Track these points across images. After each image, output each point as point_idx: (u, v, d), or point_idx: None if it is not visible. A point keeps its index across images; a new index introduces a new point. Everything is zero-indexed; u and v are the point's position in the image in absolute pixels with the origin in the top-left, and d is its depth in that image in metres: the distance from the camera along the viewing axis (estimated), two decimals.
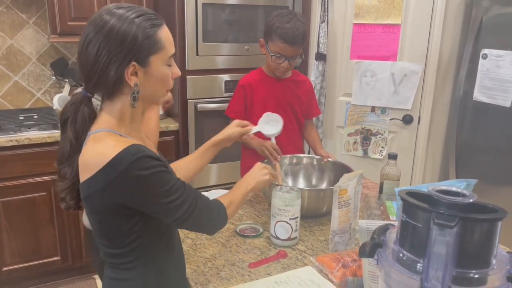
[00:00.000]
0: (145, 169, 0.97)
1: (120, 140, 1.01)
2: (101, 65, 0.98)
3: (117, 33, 0.97)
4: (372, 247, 0.79)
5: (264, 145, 1.83)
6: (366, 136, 2.92)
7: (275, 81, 2.05)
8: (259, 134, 2.01)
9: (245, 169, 2.19)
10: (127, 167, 0.95)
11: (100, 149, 0.98)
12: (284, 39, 1.87)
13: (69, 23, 2.58)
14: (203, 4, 2.60)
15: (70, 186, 1.08)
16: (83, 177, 1.01)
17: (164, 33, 1.04)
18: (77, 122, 1.05)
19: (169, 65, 1.07)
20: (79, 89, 1.10)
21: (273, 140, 1.80)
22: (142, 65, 1.01)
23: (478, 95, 2.50)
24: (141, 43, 0.98)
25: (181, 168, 1.40)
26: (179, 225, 1.09)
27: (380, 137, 2.89)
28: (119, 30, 0.97)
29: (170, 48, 1.05)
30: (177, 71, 1.11)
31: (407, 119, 2.80)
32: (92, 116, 1.07)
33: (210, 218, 1.14)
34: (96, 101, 1.09)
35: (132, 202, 1.01)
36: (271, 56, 1.93)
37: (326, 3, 2.80)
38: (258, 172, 1.38)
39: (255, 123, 2.04)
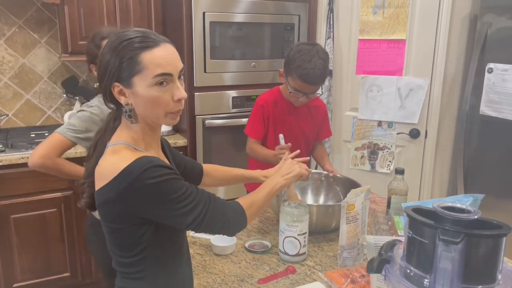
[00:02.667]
0: (155, 178, 1.00)
1: (135, 153, 1.05)
2: (101, 84, 1.09)
3: (105, 55, 1.06)
4: (379, 263, 0.80)
5: (275, 152, 1.85)
6: (373, 151, 2.93)
7: (291, 106, 2.05)
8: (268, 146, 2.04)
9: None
10: (137, 176, 0.99)
11: (114, 160, 1.04)
12: (304, 79, 1.86)
13: (80, 42, 2.64)
14: (211, 23, 2.65)
15: (89, 182, 1.14)
16: (98, 185, 1.05)
17: (149, 55, 1.03)
18: (106, 133, 1.15)
19: (161, 85, 1.04)
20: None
21: (282, 142, 1.83)
22: (126, 86, 1.06)
23: (485, 109, 2.51)
24: (118, 65, 1.04)
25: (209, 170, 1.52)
26: (195, 229, 1.10)
27: (387, 151, 2.90)
28: (107, 53, 1.06)
29: (155, 69, 1.03)
30: (179, 93, 1.07)
31: (414, 133, 2.81)
32: (115, 130, 1.14)
33: (227, 220, 1.15)
34: None
35: (144, 212, 1.04)
36: (290, 92, 1.93)
37: (331, 19, 2.85)
38: (289, 168, 1.39)
39: (266, 143, 2.06)
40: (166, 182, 1.02)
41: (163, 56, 1.05)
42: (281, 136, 1.86)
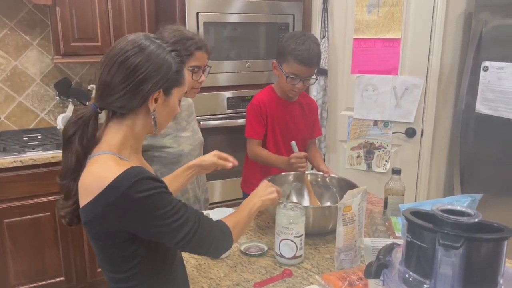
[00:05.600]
0: (145, 191, 0.96)
1: (120, 163, 1.01)
2: (134, 82, 1.01)
3: (157, 58, 1.03)
4: (377, 268, 0.78)
5: (290, 161, 1.83)
6: (369, 150, 2.92)
7: (285, 103, 2.06)
8: (273, 151, 2.03)
9: (246, 184, 2.20)
10: (126, 189, 0.94)
11: (99, 173, 0.98)
12: (300, 60, 1.88)
13: (72, 44, 2.61)
14: (205, 23, 2.63)
15: (72, 204, 1.07)
16: (83, 201, 1.00)
17: (185, 70, 1.13)
18: (85, 137, 1.06)
19: (179, 101, 1.13)
20: (82, 106, 1.13)
21: (296, 150, 1.82)
22: (166, 94, 1.06)
23: (481, 107, 2.50)
24: (172, 73, 1.05)
25: None
26: (182, 247, 1.07)
27: (383, 150, 2.88)
28: (159, 56, 1.03)
29: (186, 85, 1.13)
30: (179, 109, 1.16)
31: (410, 132, 2.80)
32: (95, 133, 1.08)
33: (214, 240, 1.11)
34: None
35: (133, 227, 1.00)
36: (286, 77, 1.93)
37: (326, 19, 2.83)
38: (265, 191, 1.35)
39: (265, 144, 2.05)
40: (155, 196, 0.98)
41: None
42: (293, 143, 1.85)
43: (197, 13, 2.60)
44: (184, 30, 1.69)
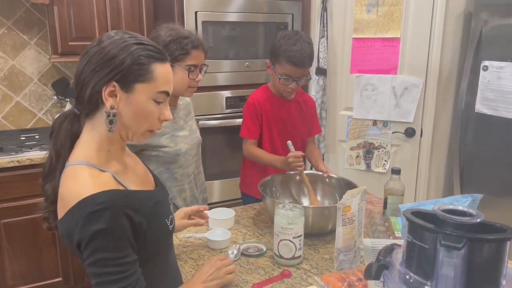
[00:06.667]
0: (101, 223, 0.91)
1: (95, 176, 0.97)
2: (84, 78, 0.99)
3: (108, 52, 0.98)
4: (377, 269, 0.77)
5: (288, 160, 1.81)
6: (369, 150, 2.91)
7: (282, 101, 2.05)
8: (269, 150, 2.01)
9: (244, 184, 2.19)
10: (85, 216, 0.91)
11: (74, 186, 0.95)
12: (292, 61, 1.87)
13: (70, 43, 2.59)
14: (203, 22, 2.62)
15: (50, 205, 1.05)
16: (59, 213, 0.98)
17: (161, 68, 1.02)
18: (58, 139, 1.04)
19: (157, 102, 1.03)
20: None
21: (292, 149, 1.80)
22: (124, 89, 0.99)
23: (480, 107, 2.49)
24: (128, 66, 0.97)
25: None
26: None
27: (382, 150, 2.87)
28: (111, 50, 0.98)
29: (163, 84, 1.02)
30: (168, 115, 1.05)
31: (410, 132, 2.79)
32: (74, 136, 1.04)
33: None
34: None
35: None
36: (279, 78, 1.92)
37: (325, 18, 2.82)
38: (214, 273, 1.19)
39: (261, 144, 2.03)
40: (108, 233, 0.92)
41: (169, 74, 1.05)
42: (289, 143, 1.83)
43: (196, 12, 2.59)
44: (181, 29, 1.68)
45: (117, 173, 1.04)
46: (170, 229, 1.15)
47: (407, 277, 0.73)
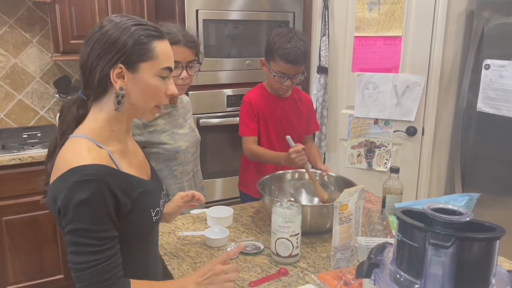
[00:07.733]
0: (85, 194, 0.93)
1: (91, 149, 1.00)
2: (91, 64, 1.02)
3: (110, 36, 1.01)
4: (368, 267, 0.77)
5: (291, 156, 1.78)
6: (370, 149, 2.90)
7: (277, 99, 2.05)
8: (269, 147, 2.01)
9: (243, 183, 2.19)
10: (71, 184, 0.94)
11: (69, 154, 1.00)
12: (286, 59, 1.87)
13: (71, 41, 2.60)
14: (204, 20, 2.62)
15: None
16: (52, 179, 1.01)
17: (161, 46, 1.06)
18: (64, 122, 1.09)
19: (163, 78, 1.07)
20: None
21: (292, 144, 1.79)
22: (130, 70, 1.02)
23: (482, 105, 2.48)
24: (131, 47, 1.01)
25: None
26: (72, 272, 0.97)
27: (384, 149, 2.87)
28: (112, 34, 1.01)
29: (165, 61, 1.07)
30: (173, 89, 1.10)
31: (411, 131, 2.78)
32: (80, 120, 1.08)
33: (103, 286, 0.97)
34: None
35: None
36: (274, 76, 1.92)
37: (326, 16, 2.81)
38: (211, 278, 1.11)
39: (259, 142, 2.03)
40: (92, 203, 0.94)
41: (170, 50, 1.09)
42: (288, 137, 1.81)
43: (197, 11, 2.59)
44: (170, 25, 1.66)
45: (115, 152, 1.07)
46: (154, 220, 1.15)
47: (398, 275, 0.73)
